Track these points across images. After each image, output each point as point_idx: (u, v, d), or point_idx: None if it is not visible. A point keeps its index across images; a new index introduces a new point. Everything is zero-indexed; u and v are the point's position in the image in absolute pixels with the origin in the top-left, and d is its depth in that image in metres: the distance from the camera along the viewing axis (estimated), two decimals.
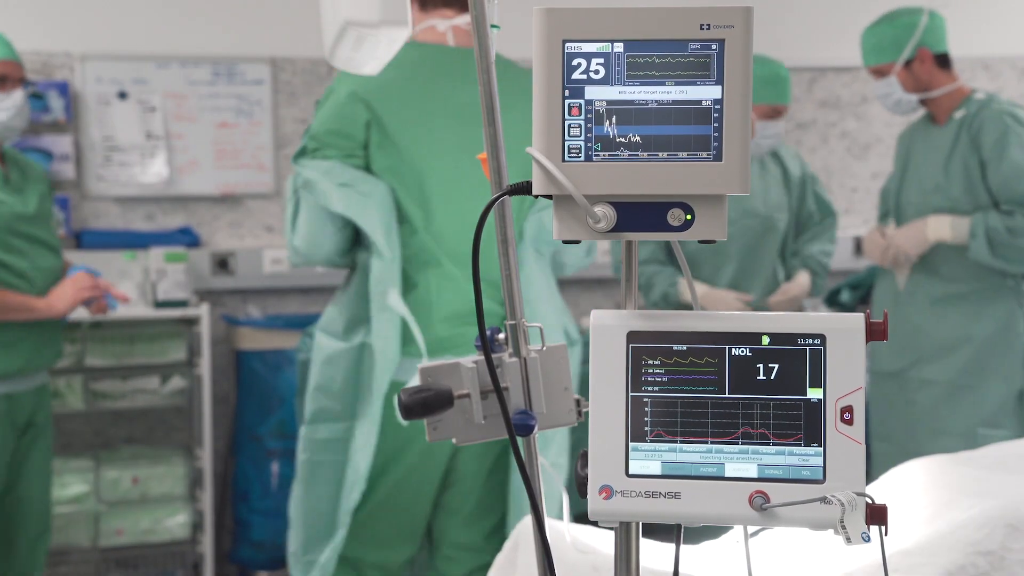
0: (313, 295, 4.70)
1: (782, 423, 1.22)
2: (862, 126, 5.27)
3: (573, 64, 1.21)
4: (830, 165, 5.22)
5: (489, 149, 1.51)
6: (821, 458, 1.21)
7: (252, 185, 4.72)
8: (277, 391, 4.36)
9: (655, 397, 1.24)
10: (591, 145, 1.21)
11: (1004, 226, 3.65)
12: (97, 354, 4.46)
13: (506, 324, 1.55)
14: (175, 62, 4.70)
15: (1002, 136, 3.69)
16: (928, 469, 2.13)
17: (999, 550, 1.75)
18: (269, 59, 4.73)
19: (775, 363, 1.22)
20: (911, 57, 3.85)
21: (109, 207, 4.79)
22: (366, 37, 1.68)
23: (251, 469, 4.36)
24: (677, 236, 1.23)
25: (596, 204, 1.22)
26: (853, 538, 1.17)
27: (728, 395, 1.23)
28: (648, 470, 1.23)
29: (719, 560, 1.91)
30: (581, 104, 1.21)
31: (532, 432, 1.52)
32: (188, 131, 4.71)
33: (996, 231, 3.65)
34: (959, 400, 3.82)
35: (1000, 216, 3.66)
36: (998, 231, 3.65)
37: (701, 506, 1.22)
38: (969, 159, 3.75)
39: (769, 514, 1.21)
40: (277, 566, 4.34)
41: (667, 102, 1.21)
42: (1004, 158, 3.68)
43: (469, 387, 1.55)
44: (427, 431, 1.58)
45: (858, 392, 1.21)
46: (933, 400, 3.87)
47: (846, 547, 1.20)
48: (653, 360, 1.24)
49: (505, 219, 1.53)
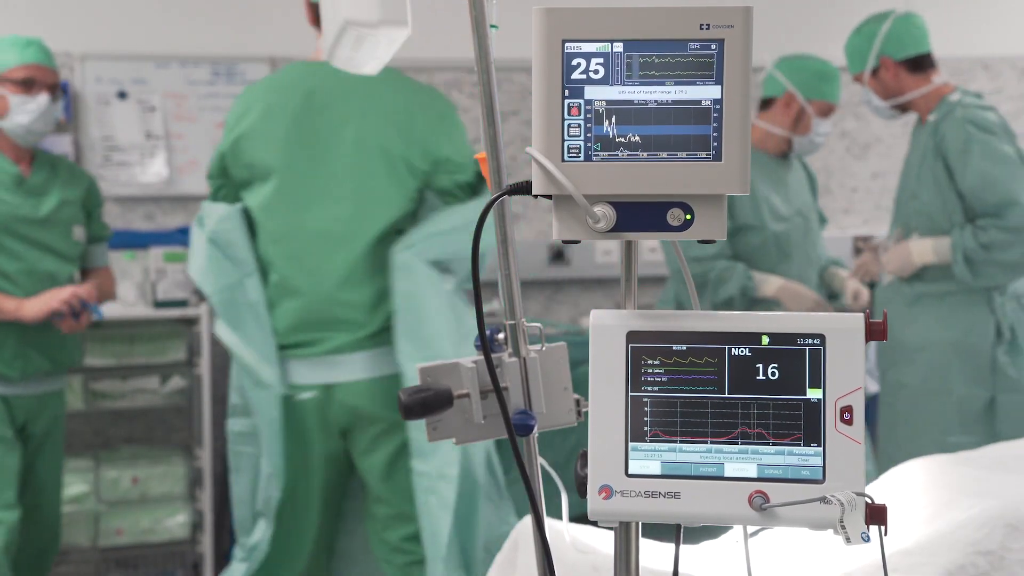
0: None
1: (782, 423, 1.22)
2: (862, 126, 5.27)
3: (573, 64, 1.21)
4: (830, 165, 5.23)
5: (489, 149, 1.52)
6: (821, 458, 1.21)
7: None
8: None
9: (655, 397, 1.24)
10: (591, 145, 1.21)
11: (979, 243, 3.64)
12: (97, 354, 4.46)
13: (506, 324, 1.55)
14: (175, 62, 4.70)
15: (965, 145, 3.66)
16: (928, 469, 2.13)
17: (999, 550, 1.75)
18: (269, 59, 4.73)
19: (775, 363, 1.22)
20: (876, 66, 3.85)
21: (109, 207, 4.79)
22: (366, 37, 1.68)
23: None
24: (677, 236, 1.23)
25: (596, 204, 1.22)
26: (853, 538, 1.17)
27: (728, 395, 1.23)
28: (648, 470, 1.23)
29: (719, 560, 1.91)
30: (581, 104, 1.21)
31: (532, 432, 1.52)
32: (188, 131, 4.71)
33: (972, 251, 3.64)
34: (926, 405, 3.81)
35: (974, 233, 3.64)
36: (974, 251, 3.64)
37: (701, 506, 1.22)
38: (935, 166, 3.74)
39: (769, 514, 1.21)
40: None
41: (667, 102, 1.21)
42: (968, 168, 3.64)
43: (469, 387, 1.55)
44: (427, 431, 1.58)
45: (858, 392, 1.21)
46: (907, 403, 3.87)
47: (846, 547, 1.20)
48: (653, 360, 1.24)
49: (505, 219, 1.53)
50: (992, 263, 3.63)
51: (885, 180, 5.22)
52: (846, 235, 5.22)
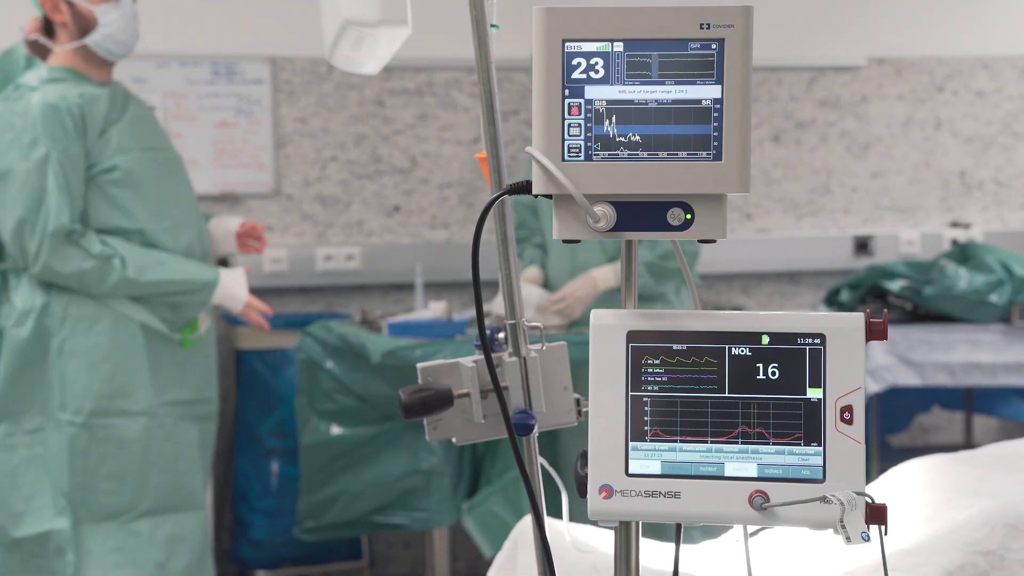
0: (313, 295, 4.70)
1: (782, 423, 1.22)
2: (862, 125, 5.27)
3: (573, 63, 1.21)
4: (830, 164, 5.22)
5: (489, 149, 1.52)
6: (821, 458, 1.21)
7: (252, 184, 4.71)
8: (277, 391, 4.35)
9: (655, 397, 1.24)
10: (591, 144, 1.21)
11: (655, 255, 3.77)
12: None
13: (506, 324, 1.55)
14: (174, 61, 4.70)
15: None
16: (927, 468, 2.13)
17: (999, 549, 1.75)
18: (269, 58, 4.72)
19: (775, 363, 1.22)
20: None
21: None
22: (366, 36, 1.68)
23: (251, 468, 4.35)
24: (677, 235, 1.23)
25: (596, 203, 1.22)
26: (853, 537, 1.17)
27: (728, 395, 1.23)
28: (648, 469, 1.23)
29: (719, 560, 1.91)
30: (581, 103, 1.21)
31: (532, 432, 1.52)
32: (187, 130, 4.70)
33: (651, 264, 3.78)
34: None
35: (650, 247, 3.76)
36: (652, 264, 3.78)
37: (701, 505, 1.22)
38: None
39: (769, 513, 1.21)
40: (277, 565, 4.34)
41: (667, 101, 1.21)
42: None
43: (469, 386, 1.55)
44: (427, 430, 1.58)
45: (858, 392, 1.21)
46: None
47: (846, 547, 1.20)
48: (653, 360, 1.24)
49: (505, 218, 1.53)
50: (668, 270, 3.83)
51: (885, 180, 5.22)
52: (846, 235, 5.21)
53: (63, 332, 3.15)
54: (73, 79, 3.20)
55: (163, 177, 3.29)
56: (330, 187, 4.62)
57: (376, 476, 3.61)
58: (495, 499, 3.53)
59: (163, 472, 3.23)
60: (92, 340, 3.16)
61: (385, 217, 4.65)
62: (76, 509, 3.13)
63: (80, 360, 3.15)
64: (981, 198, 5.15)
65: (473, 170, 4.70)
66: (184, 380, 3.30)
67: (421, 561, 4.51)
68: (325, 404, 3.66)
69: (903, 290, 4.27)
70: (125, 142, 3.21)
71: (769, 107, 5.00)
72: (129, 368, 3.18)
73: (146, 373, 3.20)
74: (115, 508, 3.17)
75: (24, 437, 3.16)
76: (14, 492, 3.15)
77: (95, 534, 3.15)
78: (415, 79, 4.68)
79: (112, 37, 3.21)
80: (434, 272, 4.44)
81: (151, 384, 3.21)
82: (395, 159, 4.65)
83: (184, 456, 3.28)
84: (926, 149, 5.14)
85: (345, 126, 4.63)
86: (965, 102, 5.13)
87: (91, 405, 3.14)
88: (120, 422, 3.17)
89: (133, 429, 3.18)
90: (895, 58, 5.09)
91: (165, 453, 3.24)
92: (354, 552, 4.42)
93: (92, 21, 3.19)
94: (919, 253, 5.01)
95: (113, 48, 3.24)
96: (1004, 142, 5.12)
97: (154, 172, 3.26)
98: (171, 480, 3.25)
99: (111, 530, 3.17)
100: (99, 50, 3.22)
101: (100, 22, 3.18)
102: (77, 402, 3.14)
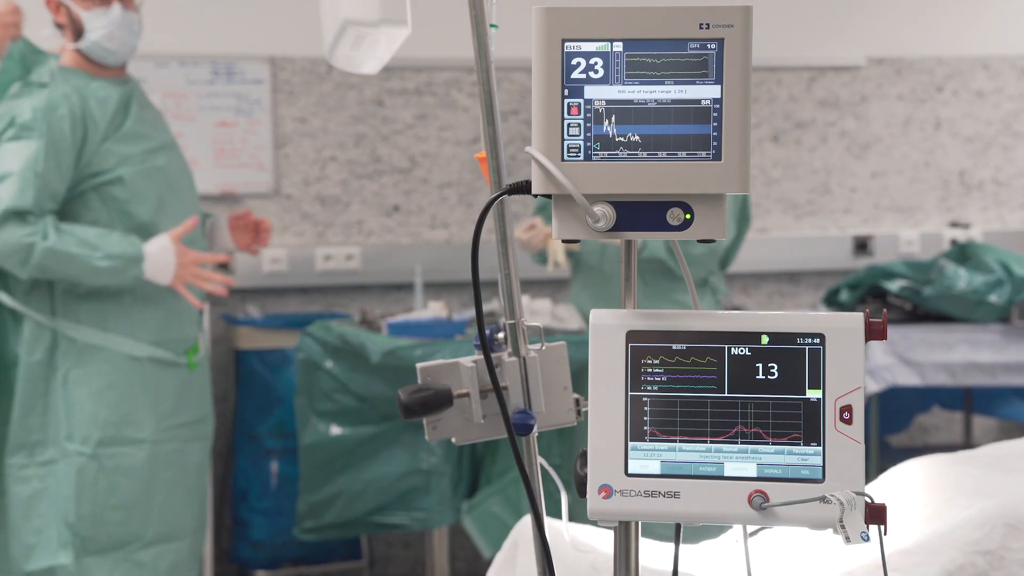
0: (313, 294, 4.70)
1: (781, 422, 1.22)
2: (861, 125, 5.27)
3: (572, 63, 1.21)
4: (829, 164, 5.22)
5: (489, 149, 1.52)
6: (820, 457, 1.21)
7: (251, 184, 4.71)
8: (276, 391, 4.35)
9: (654, 396, 1.24)
10: (590, 144, 1.21)
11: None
12: None
13: (505, 324, 1.55)
14: (174, 61, 4.69)
15: None
16: (927, 468, 2.13)
17: (998, 549, 1.75)
18: (268, 58, 4.72)
19: (774, 362, 1.22)
20: None
21: None
22: (365, 36, 1.68)
23: (250, 468, 4.35)
24: (676, 235, 1.23)
25: (595, 203, 1.22)
26: (852, 537, 1.17)
27: (727, 394, 1.23)
28: (647, 469, 1.23)
29: (719, 560, 1.91)
30: (580, 103, 1.21)
31: (532, 432, 1.52)
32: (187, 130, 4.69)
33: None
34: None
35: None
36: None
37: (700, 505, 1.22)
38: None
39: (768, 513, 1.21)
40: (277, 565, 4.34)
41: (666, 101, 1.21)
42: None
43: (468, 386, 1.55)
44: (426, 430, 1.58)
45: (857, 392, 1.21)
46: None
47: (845, 546, 1.20)
48: (652, 359, 1.24)
49: (504, 218, 1.53)
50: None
51: (885, 180, 5.22)
52: (845, 235, 5.22)
53: (67, 362, 3.15)
54: (81, 78, 3.21)
55: (166, 179, 3.29)
56: (330, 187, 4.62)
57: (376, 476, 3.61)
58: (495, 499, 3.53)
59: (165, 499, 3.25)
60: (96, 368, 3.16)
61: (385, 217, 4.65)
62: (84, 541, 3.13)
63: (85, 389, 3.15)
64: (981, 198, 5.15)
65: (473, 170, 4.70)
66: (187, 401, 3.31)
67: (421, 561, 4.51)
68: (325, 404, 3.66)
69: (903, 290, 4.27)
70: (130, 148, 3.21)
71: (769, 107, 5.00)
72: (134, 395, 3.19)
73: (150, 399, 3.21)
74: (122, 538, 3.18)
75: (38, 469, 3.16)
76: (26, 524, 3.15)
77: (102, 567, 3.15)
78: (415, 79, 4.68)
79: (99, 44, 3.20)
80: (434, 272, 4.44)
81: (155, 410, 3.22)
82: (395, 159, 4.65)
83: (181, 483, 3.30)
84: (926, 149, 5.14)
85: (345, 126, 4.64)
86: (965, 102, 5.13)
87: (98, 434, 3.15)
88: (126, 450, 3.18)
89: (138, 457, 3.19)
90: (895, 58, 5.09)
91: (167, 480, 3.25)
92: (354, 552, 4.42)
93: (82, 26, 3.19)
94: (919, 253, 5.01)
95: (103, 55, 3.23)
96: (1004, 142, 5.13)
97: (159, 177, 3.26)
98: (171, 508, 3.27)
99: (117, 561, 3.17)
100: (91, 55, 3.23)
101: (87, 28, 3.18)
102: (84, 431, 3.14)
